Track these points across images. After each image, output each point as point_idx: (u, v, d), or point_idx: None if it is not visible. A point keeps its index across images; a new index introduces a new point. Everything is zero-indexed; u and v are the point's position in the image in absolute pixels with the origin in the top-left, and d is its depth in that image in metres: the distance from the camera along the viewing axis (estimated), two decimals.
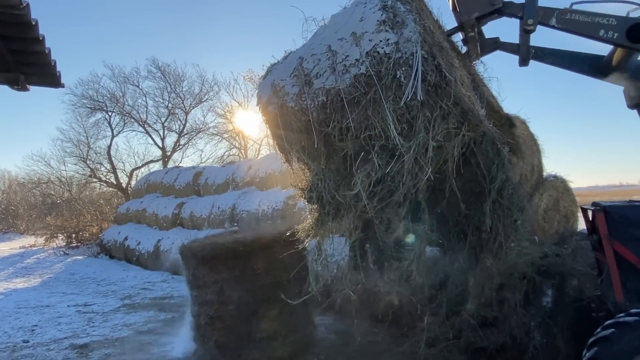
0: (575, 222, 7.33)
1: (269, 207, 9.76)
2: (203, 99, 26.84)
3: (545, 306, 4.21)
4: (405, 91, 2.86)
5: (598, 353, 2.88)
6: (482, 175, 3.28)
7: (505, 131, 3.95)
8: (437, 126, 2.92)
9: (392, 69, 2.87)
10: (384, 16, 2.99)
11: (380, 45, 2.92)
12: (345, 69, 2.96)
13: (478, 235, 3.40)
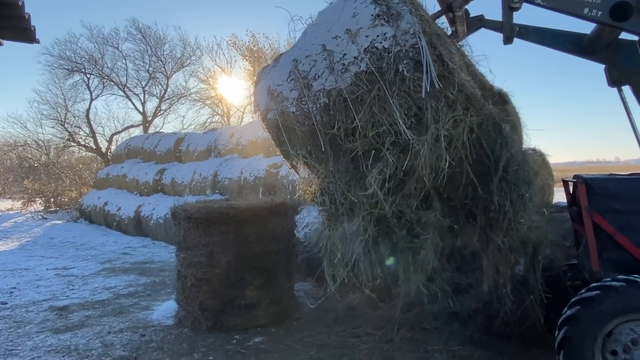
0: (551, 195, 7.50)
1: (251, 175, 9.74)
2: (185, 63, 26.25)
3: (518, 274, 4.35)
4: (409, 84, 2.81)
5: (579, 311, 3.01)
6: (486, 155, 3.29)
7: (500, 108, 3.98)
8: (444, 116, 2.90)
9: (394, 63, 2.80)
10: (378, 10, 2.90)
11: (377, 40, 2.84)
12: (344, 67, 2.87)
13: (487, 215, 3.42)
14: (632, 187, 3.40)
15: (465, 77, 3.08)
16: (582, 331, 2.99)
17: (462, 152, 3.07)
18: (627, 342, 2.96)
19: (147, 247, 10.86)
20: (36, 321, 5.33)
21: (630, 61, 3.62)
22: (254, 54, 26.15)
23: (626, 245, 3.30)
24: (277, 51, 26.33)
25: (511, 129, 3.78)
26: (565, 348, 3.03)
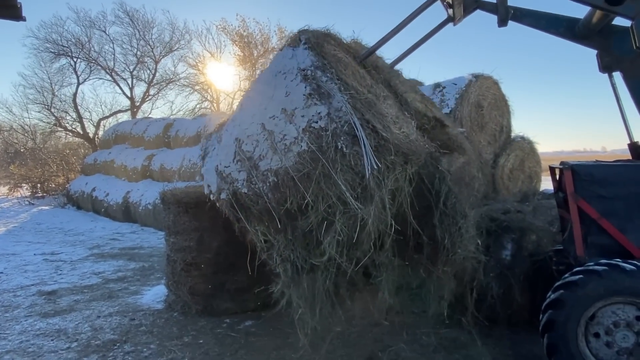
0: (538, 183, 7.62)
1: None
2: (174, 47, 25.88)
3: (505, 259, 4.42)
4: (350, 159, 2.89)
5: (563, 295, 3.09)
6: (427, 189, 3.40)
7: (439, 132, 4.05)
8: (386, 179, 2.98)
9: (332, 141, 2.87)
10: (309, 89, 2.95)
11: (313, 119, 2.90)
12: (286, 147, 2.93)
13: (430, 246, 3.53)
14: (616, 174, 3.45)
15: (400, 134, 3.14)
16: (566, 314, 3.06)
17: (407, 199, 3.18)
18: (609, 324, 3.04)
19: (135, 233, 10.81)
20: (24, 305, 5.30)
21: (621, 47, 3.61)
22: (244, 39, 25.91)
23: (610, 231, 3.36)
24: (267, 36, 26.13)
25: (452, 150, 3.90)
26: (549, 331, 3.10)
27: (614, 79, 3.77)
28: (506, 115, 7.26)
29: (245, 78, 27.67)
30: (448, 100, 6.89)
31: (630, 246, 3.31)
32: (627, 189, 3.36)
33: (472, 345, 3.94)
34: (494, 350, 3.85)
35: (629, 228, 3.35)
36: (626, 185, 3.37)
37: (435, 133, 3.90)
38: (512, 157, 7.13)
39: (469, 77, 6.89)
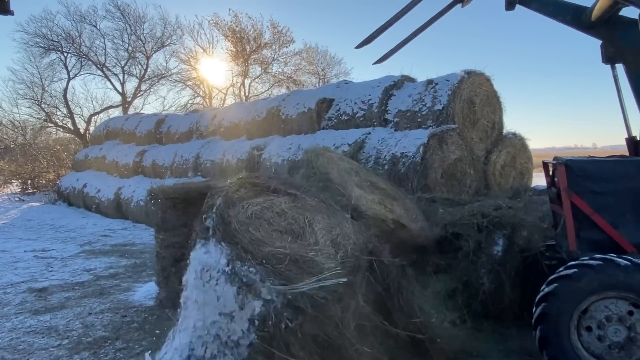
0: (529, 179, 7.67)
1: (234, 157, 9.67)
2: (165, 43, 25.65)
3: (496, 254, 4.45)
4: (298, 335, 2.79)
5: (557, 288, 3.10)
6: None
7: (399, 232, 4.03)
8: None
9: (277, 321, 2.79)
10: (235, 288, 2.86)
11: (253, 314, 2.81)
12: (235, 344, 2.87)
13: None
14: (609, 169, 3.47)
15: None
16: (559, 307, 3.08)
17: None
18: (601, 318, 3.06)
19: (127, 230, 10.75)
20: (14, 302, 5.26)
21: (627, 39, 3.60)
22: (237, 34, 25.77)
23: (602, 226, 3.38)
24: (260, 32, 26.01)
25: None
26: (542, 324, 3.12)
27: (617, 71, 3.77)
28: (498, 111, 7.29)
29: (238, 73, 27.61)
30: (440, 96, 6.90)
31: (622, 241, 3.33)
32: (620, 185, 3.38)
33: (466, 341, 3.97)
34: (484, 345, 3.88)
35: (621, 223, 3.37)
36: (619, 181, 3.39)
37: (396, 233, 3.90)
38: (504, 154, 7.17)
39: (461, 73, 6.90)
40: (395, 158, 6.55)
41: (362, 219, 3.70)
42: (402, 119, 7.37)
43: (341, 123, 8.30)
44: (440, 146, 6.22)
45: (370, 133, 7.38)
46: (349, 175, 4.35)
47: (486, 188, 6.87)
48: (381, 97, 7.78)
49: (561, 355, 3.08)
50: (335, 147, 7.50)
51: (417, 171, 6.20)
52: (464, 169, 6.57)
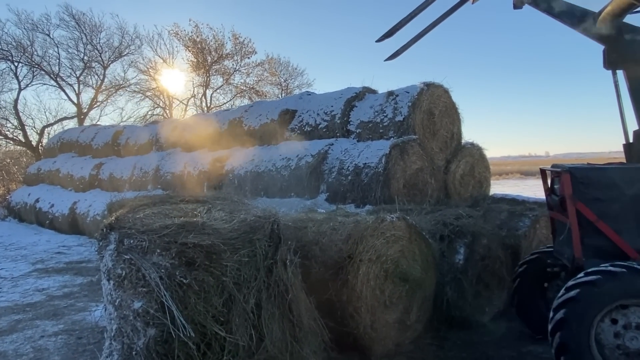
0: (488, 187, 7.89)
1: (195, 169, 9.49)
2: (123, 52, 24.96)
3: (458, 263, 4.55)
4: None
5: (579, 294, 3.05)
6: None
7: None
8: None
9: (174, 292, 2.72)
10: (122, 267, 2.81)
11: (147, 286, 2.72)
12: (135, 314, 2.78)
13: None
14: (612, 176, 3.50)
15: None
16: (579, 313, 3.05)
17: None
18: (621, 325, 3.06)
19: (83, 246, 10.31)
20: None
21: (630, 46, 3.69)
22: (198, 45, 25.46)
23: (606, 232, 3.42)
24: (221, 43, 25.83)
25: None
26: (561, 330, 3.06)
27: (617, 77, 3.82)
28: (456, 122, 7.48)
29: (199, 84, 27.24)
30: (401, 108, 7.03)
31: (626, 247, 3.39)
32: (623, 192, 3.42)
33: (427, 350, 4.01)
34: (449, 353, 3.93)
35: (625, 230, 3.42)
36: (621, 188, 3.43)
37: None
38: (463, 163, 7.35)
39: (421, 85, 7.05)
40: (358, 169, 6.61)
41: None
42: (365, 130, 7.45)
43: (304, 134, 8.31)
44: (402, 156, 6.32)
45: (333, 144, 7.42)
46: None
47: (447, 197, 7.01)
48: (343, 108, 7.85)
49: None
50: (299, 158, 7.49)
51: (379, 181, 6.26)
52: (425, 179, 6.69)
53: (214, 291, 2.82)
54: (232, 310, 2.88)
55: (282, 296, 3.12)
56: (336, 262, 3.73)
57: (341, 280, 3.64)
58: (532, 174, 38.04)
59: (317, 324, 3.35)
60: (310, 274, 3.72)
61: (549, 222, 4.45)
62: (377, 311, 3.81)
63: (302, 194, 7.20)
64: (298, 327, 3.14)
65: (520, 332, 4.50)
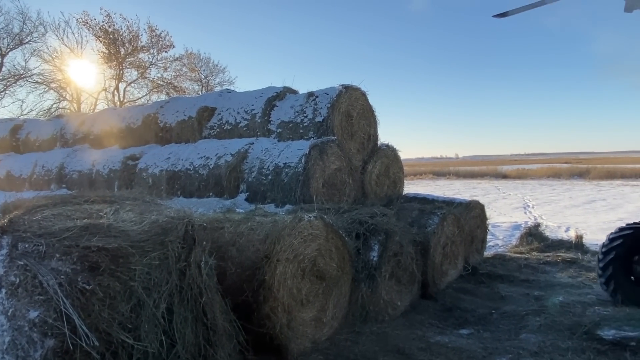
0: (401, 187, 8.26)
1: (105, 168, 8.93)
2: (25, 40, 22.89)
3: (372, 260, 4.72)
4: None
5: None
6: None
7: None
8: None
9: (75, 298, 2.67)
10: (16, 272, 2.72)
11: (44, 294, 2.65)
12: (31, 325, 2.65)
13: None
14: None
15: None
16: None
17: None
18: None
19: None
20: None
21: None
22: (110, 36, 23.99)
23: None
24: (136, 34, 24.58)
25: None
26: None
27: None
28: (373, 124, 7.75)
29: (112, 77, 25.70)
30: (321, 109, 7.15)
31: None
32: None
33: (342, 346, 4.12)
34: (363, 347, 4.07)
35: None
36: None
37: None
38: (379, 164, 7.64)
39: (340, 87, 7.22)
40: (279, 168, 6.62)
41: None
42: (285, 130, 7.48)
43: (224, 132, 8.15)
44: (321, 157, 6.43)
45: (253, 143, 7.36)
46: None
47: (363, 196, 7.25)
48: (264, 107, 7.81)
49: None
50: (218, 156, 7.34)
51: (299, 181, 6.31)
52: (344, 179, 6.86)
53: (121, 297, 2.68)
54: (141, 316, 2.75)
55: (195, 299, 3.05)
56: (253, 263, 3.71)
57: (258, 281, 3.62)
58: (443, 175, 40.56)
59: (233, 326, 3.31)
60: (227, 276, 3.68)
61: (455, 220, 4.81)
62: (294, 310, 3.85)
63: (221, 194, 7.07)
64: (212, 330, 3.08)
65: (428, 323, 4.78)
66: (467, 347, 4.13)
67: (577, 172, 36.71)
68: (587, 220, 12.68)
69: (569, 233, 9.96)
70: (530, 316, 4.88)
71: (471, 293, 5.85)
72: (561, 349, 3.99)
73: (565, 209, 15.67)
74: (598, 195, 20.78)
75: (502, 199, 20.01)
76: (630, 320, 4.54)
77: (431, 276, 5.56)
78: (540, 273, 6.87)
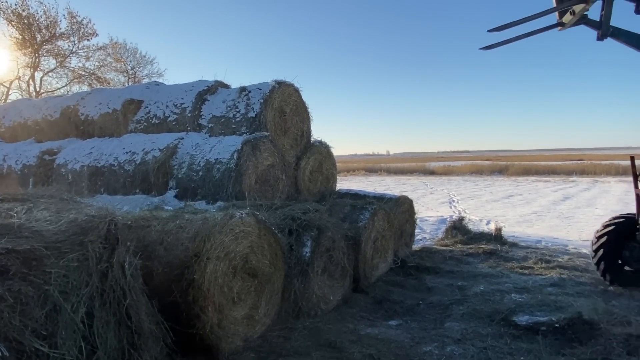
0: (334, 183, 8.38)
1: (18, 163, 8.23)
2: None
3: (305, 255, 4.75)
4: None
5: None
6: None
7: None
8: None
9: None
10: None
11: None
12: None
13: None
14: None
15: None
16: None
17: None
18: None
19: None
20: None
21: None
22: (24, 20, 22.11)
23: None
24: (54, 20, 22.91)
25: None
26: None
27: None
28: (306, 121, 7.78)
29: (26, 65, 23.75)
30: (253, 104, 7.05)
31: None
32: None
33: (275, 343, 4.11)
34: (296, 343, 4.08)
35: None
36: None
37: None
38: (312, 160, 7.69)
39: (273, 83, 7.16)
40: (210, 164, 6.45)
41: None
42: (217, 125, 7.31)
43: (151, 126, 7.81)
44: (254, 153, 6.35)
45: (183, 138, 7.11)
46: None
47: (297, 192, 7.26)
48: (194, 101, 7.58)
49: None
50: (145, 152, 7.02)
51: (231, 177, 6.20)
52: (277, 175, 6.83)
53: (35, 302, 2.48)
54: (58, 322, 2.57)
55: (119, 302, 2.90)
56: (182, 262, 3.60)
57: (187, 280, 3.52)
58: (375, 171, 41.72)
59: (160, 328, 3.19)
60: (154, 276, 3.53)
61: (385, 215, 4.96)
62: (225, 309, 3.78)
63: (149, 191, 6.77)
64: (137, 333, 2.95)
65: (359, 316, 4.89)
66: (396, 338, 4.28)
67: (497, 169, 39.32)
68: (506, 214, 13.60)
69: (489, 226, 10.62)
70: (454, 305, 5.15)
71: (400, 285, 6.06)
72: (482, 335, 4.25)
73: (487, 203, 16.70)
74: (515, 190, 22.36)
75: (429, 194, 20.94)
76: (542, 307, 4.93)
77: (362, 270, 5.69)
78: (464, 264, 7.26)
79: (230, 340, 3.81)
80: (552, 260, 7.29)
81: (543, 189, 22.88)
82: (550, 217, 13.05)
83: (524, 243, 8.95)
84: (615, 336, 3.87)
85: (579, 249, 8.53)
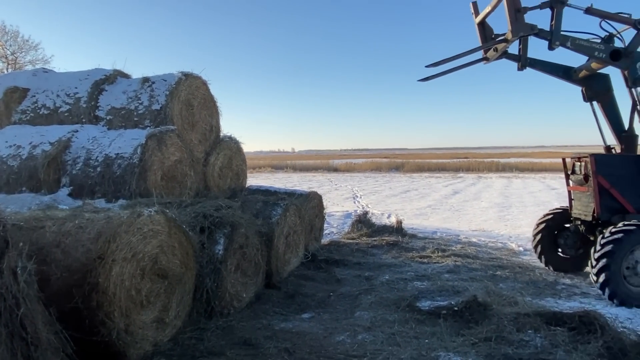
0: (244, 180, 8.28)
1: None
2: None
3: (218, 253, 4.63)
4: None
5: (613, 247, 4.97)
6: None
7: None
8: None
9: None
10: None
11: None
12: None
13: None
14: (618, 160, 5.69)
15: None
16: (621, 248, 4.98)
17: None
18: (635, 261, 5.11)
19: None
20: None
21: (598, 86, 5.84)
22: None
23: (616, 196, 5.48)
24: None
25: None
26: (604, 272, 4.99)
27: (594, 107, 5.94)
28: (215, 115, 7.57)
29: None
30: (158, 96, 6.69)
31: (628, 206, 5.46)
32: (624, 170, 5.53)
33: (186, 345, 3.97)
34: (209, 344, 3.97)
35: (627, 194, 5.47)
36: (623, 167, 5.55)
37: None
38: (222, 156, 7.51)
39: (179, 74, 6.85)
40: (110, 159, 6.00)
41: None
42: (117, 117, 6.82)
43: (40, 118, 7.06)
44: (160, 147, 6.03)
45: (78, 131, 6.53)
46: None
47: (206, 189, 7.04)
48: (90, 91, 7.00)
49: (617, 289, 4.99)
50: (33, 145, 6.33)
51: (134, 173, 5.82)
52: (185, 171, 6.56)
53: None
54: None
55: (11, 311, 2.59)
56: (83, 265, 3.31)
57: (90, 285, 3.24)
58: (281, 168, 41.87)
59: (60, 338, 2.91)
60: (51, 281, 3.22)
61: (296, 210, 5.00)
62: (133, 313, 3.56)
63: (38, 189, 6.12)
64: (34, 345, 2.66)
65: (273, 312, 4.90)
66: (310, 330, 4.36)
67: (394, 166, 41.66)
68: (404, 207, 14.47)
69: (390, 219, 11.23)
70: (363, 295, 5.38)
71: (311, 279, 6.18)
72: (389, 322, 4.49)
73: (387, 198, 17.61)
74: (411, 185, 23.88)
75: (334, 190, 21.55)
76: (442, 292, 5.34)
77: (275, 266, 5.70)
78: (370, 256, 7.60)
79: (138, 346, 3.60)
80: (447, 249, 7.92)
81: (435, 184, 24.70)
82: (443, 209, 14.14)
83: (422, 234, 9.62)
84: (505, 315, 4.32)
85: (469, 238, 9.36)
